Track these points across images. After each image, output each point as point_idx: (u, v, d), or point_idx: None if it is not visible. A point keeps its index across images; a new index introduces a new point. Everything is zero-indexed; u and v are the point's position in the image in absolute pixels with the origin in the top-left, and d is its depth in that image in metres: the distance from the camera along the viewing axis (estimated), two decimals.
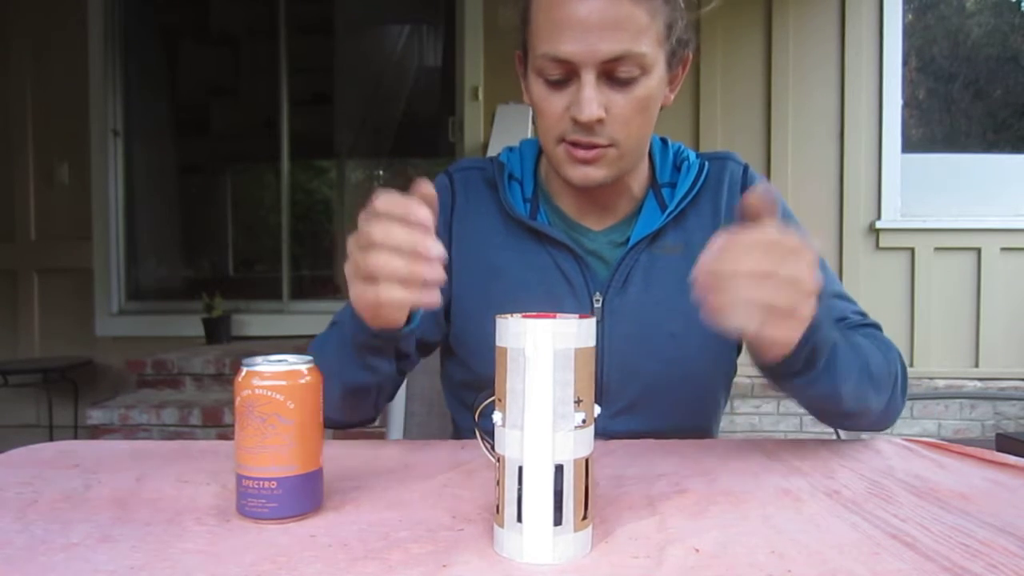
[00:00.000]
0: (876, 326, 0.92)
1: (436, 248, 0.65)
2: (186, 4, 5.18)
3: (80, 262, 4.15)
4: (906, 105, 3.89)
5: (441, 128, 4.38)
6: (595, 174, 0.85)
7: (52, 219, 4.17)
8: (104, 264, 4.17)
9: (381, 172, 6.13)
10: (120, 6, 4.24)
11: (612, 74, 0.80)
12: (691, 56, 0.89)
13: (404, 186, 0.68)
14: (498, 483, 0.55)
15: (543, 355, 0.52)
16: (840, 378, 0.74)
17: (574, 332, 0.52)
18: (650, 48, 0.80)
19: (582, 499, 0.53)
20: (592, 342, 0.54)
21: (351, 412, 0.86)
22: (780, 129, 3.78)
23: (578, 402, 0.53)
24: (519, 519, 0.53)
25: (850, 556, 0.53)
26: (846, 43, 3.76)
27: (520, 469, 0.53)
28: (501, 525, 0.54)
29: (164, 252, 5.02)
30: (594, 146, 0.83)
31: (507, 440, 0.53)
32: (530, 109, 3.46)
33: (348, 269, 0.69)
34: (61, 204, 4.15)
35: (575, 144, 0.83)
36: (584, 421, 0.53)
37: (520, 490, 0.53)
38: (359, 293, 0.69)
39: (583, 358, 0.53)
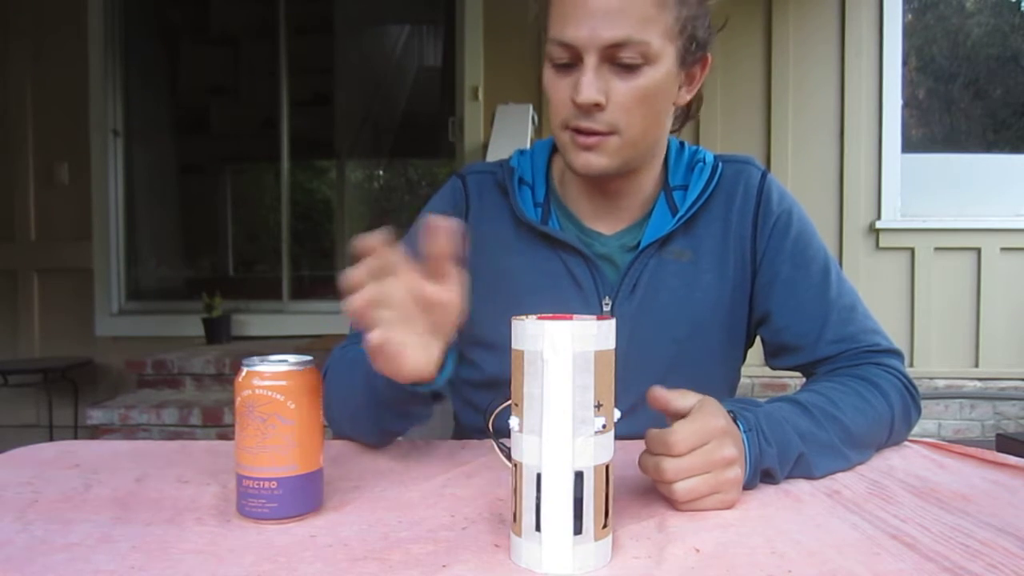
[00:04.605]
0: (888, 352, 0.90)
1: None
2: (186, 4, 5.18)
3: (80, 262, 4.14)
4: (906, 105, 3.88)
5: (441, 128, 4.37)
6: (596, 161, 0.85)
7: (52, 219, 4.17)
8: (104, 264, 4.17)
9: (381, 172, 6.12)
10: (120, 6, 4.23)
11: (615, 60, 0.81)
12: (710, 58, 0.89)
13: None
14: (515, 491, 0.53)
15: (562, 358, 0.50)
16: (815, 468, 0.73)
17: (594, 334, 0.51)
18: (656, 39, 0.81)
19: (603, 507, 0.52)
20: (612, 344, 0.53)
21: (387, 440, 0.86)
22: (780, 129, 3.78)
23: (598, 406, 0.51)
24: (538, 528, 0.51)
25: (850, 556, 0.53)
26: (846, 43, 3.75)
27: (539, 476, 0.51)
28: (519, 534, 0.52)
29: (164, 252, 5.01)
30: (593, 132, 0.83)
31: (525, 446, 0.52)
32: (530, 108, 3.48)
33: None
34: (61, 204, 4.14)
35: (578, 130, 0.84)
36: (604, 426, 0.52)
37: (539, 498, 0.51)
38: (365, 345, 0.63)
39: (603, 361, 0.51)
